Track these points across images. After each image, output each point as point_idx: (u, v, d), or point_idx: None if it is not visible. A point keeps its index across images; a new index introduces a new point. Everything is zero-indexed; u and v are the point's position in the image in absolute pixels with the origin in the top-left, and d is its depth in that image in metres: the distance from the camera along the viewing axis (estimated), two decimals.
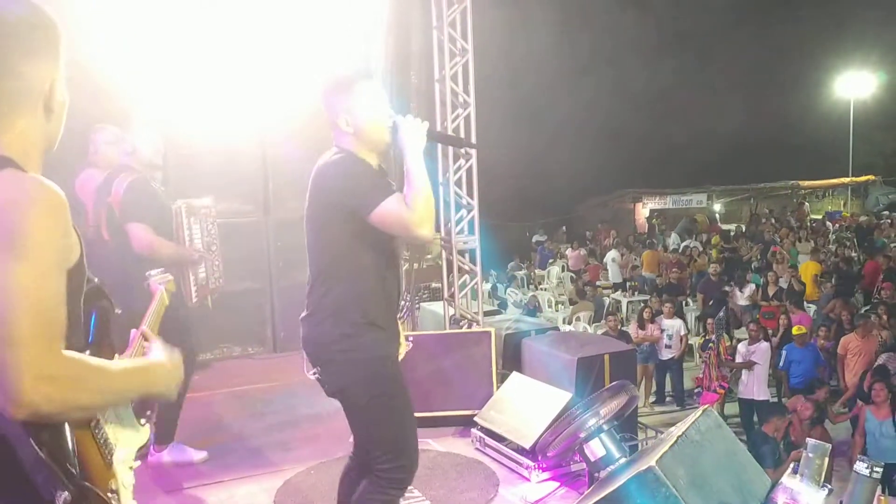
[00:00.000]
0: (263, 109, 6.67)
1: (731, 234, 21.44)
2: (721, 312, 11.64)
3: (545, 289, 16.55)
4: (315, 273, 2.73)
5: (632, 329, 10.47)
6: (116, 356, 1.71)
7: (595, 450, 3.27)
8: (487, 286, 13.42)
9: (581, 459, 3.62)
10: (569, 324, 12.44)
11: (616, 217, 27.38)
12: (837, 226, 23.47)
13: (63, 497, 1.35)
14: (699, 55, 28.32)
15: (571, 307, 13.89)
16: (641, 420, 5.87)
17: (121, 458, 1.62)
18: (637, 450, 4.21)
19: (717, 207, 29.32)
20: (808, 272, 13.44)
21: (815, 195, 31.11)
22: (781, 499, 2.70)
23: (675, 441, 2.74)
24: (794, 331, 9.09)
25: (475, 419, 4.81)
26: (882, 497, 2.75)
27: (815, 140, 30.55)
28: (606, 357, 5.06)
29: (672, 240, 21.13)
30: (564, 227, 25.61)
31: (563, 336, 6.06)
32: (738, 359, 8.97)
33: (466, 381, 5.16)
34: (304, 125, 6.61)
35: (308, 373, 2.81)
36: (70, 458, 1.41)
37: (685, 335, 10.47)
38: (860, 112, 31.68)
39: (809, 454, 2.69)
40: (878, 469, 2.55)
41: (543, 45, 24.75)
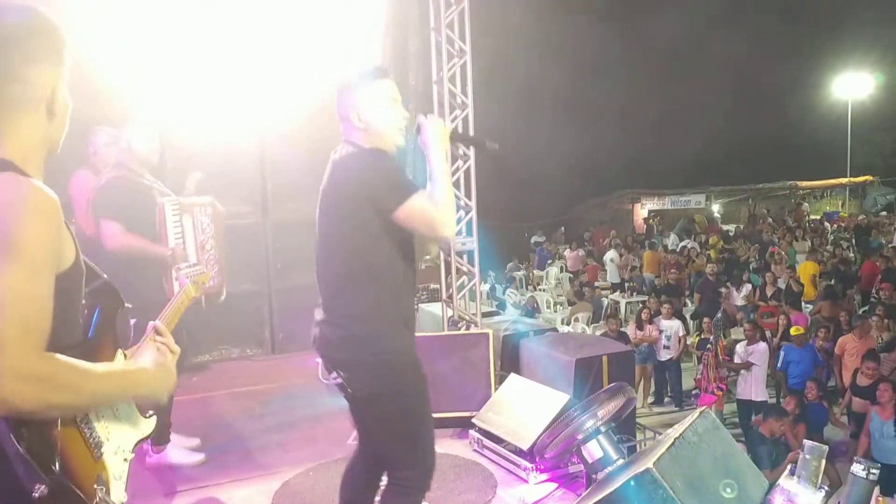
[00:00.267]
0: (262, 110, 6.66)
1: (731, 235, 21.46)
2: (719, 313, 11.63)
3: (543, 289, 16.55)
4: (336, 273, 2.63)
5: (630, 330, 10.48)
6: (120, 351, 1.76)
7: (593, 451, 3.27)
8: (486, 287, 13.42)
9: (579, 461, 3.62)
10: (567, 325, 12.44)
11: (615, 218, 27.42)
12: (836, 226, 23.50)
13: (41, 490, 1.38)
14: (697, 56, 28.34)
15: (570, 308, 13.90)
16: (640, 421, 5.87)
17: (112, 451, 1.65)
18: (635, 451, 4.22)
19: (716, 208, 29.36)
20: (807, 273, 13.45)
21: (814, 196, 31.15)
22: (778, 500, 2.70)
23: (673, 443, 2.74)
24: (793, 331, 9.10)
25: (473, 421, 4.81)
26: (880, 498, 2.76)
27: (814, 141, 30.58)
28: (604, 358, 5.07)
29: (671, 240, 21.15)
30: (563, 228, 25.62)
31: (562, 337, 6.06)
32: (737, 360, 8.98)
33: (464, 383, 5.16)
34: (303, 126, 6.63)
35: (328, 378, 2.67)
36: (51, 453, 1.44)
37: (683, 336, 10.48)
38: (858, 113, 31.71)
39: (806, 455, 2.69)
40: (875, 471, 2.55)
41: (542, 46, 24.77)
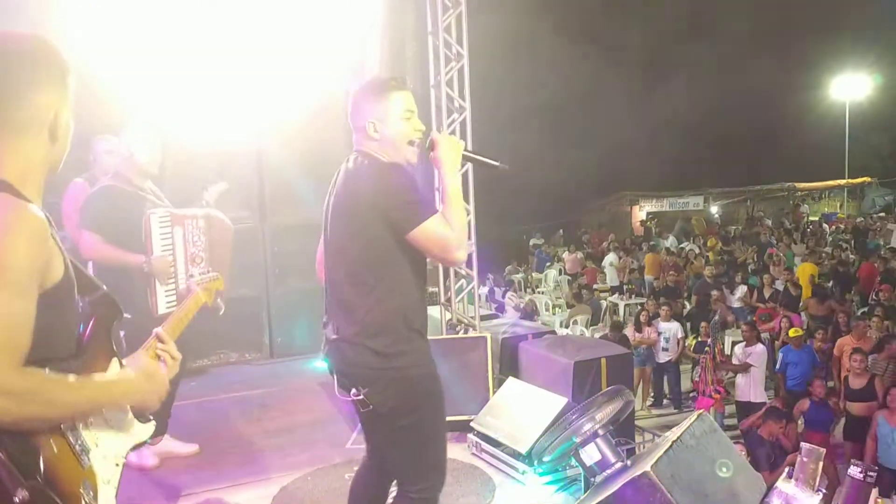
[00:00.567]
0: (259, 115, 6.66)
1: (730, 237, 21.48)
2: (716, 316, 11.64)
3: (542, 292, 16.55)
4: (349, 285, 2.56)
5: (629, 332, 10.49)
6: (115, 360, 1.80)
7: (591, 454, 3.27)
8: (484, 290, 13.42)
9: (577, 464, 3.62)
10: (566, 327, 12.44)
11: (613, 220, 27.44)
12: (834, 227, 23.52)
13: (22, 495, 1.43)
14: (695, 58, 28.38)
15: (569, 310, 13.90)
16: (638, 423, 5.88)
17: (101, 456, 1.69)
18: (634, 453, 4.22)
19: (714, 210, 29.39)
20: (805, 274, 13.45)
21: (812, 197, 31.18)
22: (776, 503, 2.70)
23: (671, 446, 2.75)
24: (791, 333, 9.11)
25: (472, 424, 4.81)
26: (879, 500, 2.76)
27: (812, 142, 30.60)
28: (603, 360, 5.07)
29: (669, 242, 21.16)
30: (561, 231, 25.63)
31: (560, 340, 6.06)
32: (735, 361, 8.98)
33: (463, 387, 5.15)
34: (301, 130, 6.65)
35: (347, 396, 2.58)
36: (33, 459, 1.49)
37: (682, 338, 10.49)
38: (856, 114, 31.76)
39: (804, 458, 2.70)
40: (872, 473, 2.56)
41: (540, 49, 24.79)
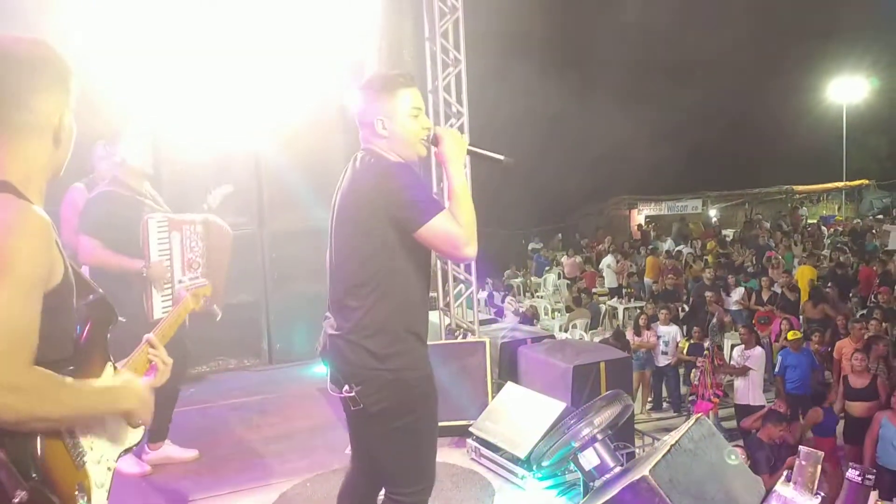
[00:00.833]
0: (257, 120, 6.66)
1: (729, 240, 21.50)
2: (713, 319, 11.64)
3: (541, 296, 16.57)
4: (350, 284, 2.56)
5: (628, 335, 10.49)
6: (109, 364, 1.81)
7: (589, 459, 3.27)
8: (483, 294, 13.43)
9: (576, 469, 3.62)
10: (565, 331, 12.45)
11: (611, 224, 27.46)
12: (832, 230, 23.54)
13: (21, 496, 1.44)
14: (693, 62, 28.42)
15: (568, 315, 13.90)
16: (638, 427, 5.88)
17: (95, 460, 1.71)
18: (634, 457, 4.23)
19: (713, 213, 29.44)
20: (805, 277, 13.45)
21: (810, 200, 31.23)
22: None
23: (669, 450, 2.75)
24: (789, 336, 9.11)
25: (471, 429, 4.81)
26: (880, 503, 2.76)
27: (809, 145, 30.64)
28: (602, 365, 5.08)
29: (667, 245, 21.18)
30: (560, 235, 25.65)
31: (559, 344, 6.06)
32: (733, 364, 8.98)
33: (462, 392, 5.16)
34: (299, 135, 6.66)
35: (336, 390, 2.59)
36: (31, 461, 1.50)
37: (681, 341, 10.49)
38: (853, 117, 31.81)
39: (802, 461, 2.69)
40: (871, 476, 2.56)
41: (537, 53, 24.83)
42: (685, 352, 10.03)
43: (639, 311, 11.78)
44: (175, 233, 4.20)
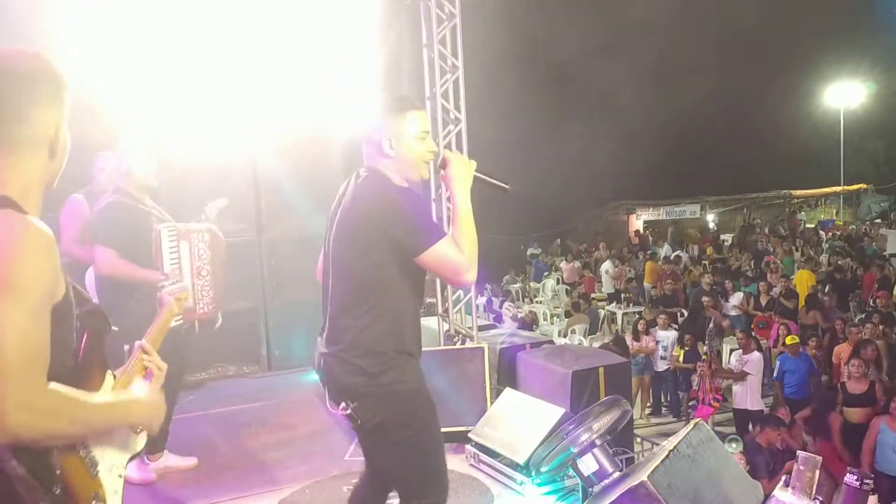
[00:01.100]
0: (255, 129, 6.68)
1: (727, 245, 21.50)
2: (710, 324, 11.64)
3: (540, 302, 16.55)
4: (344, 301, 2.59)
5: (627, 341, 10.48)
6: (109, 373, 1.81)
7: (588, 464, 3.27)
8: (483, 300, 13.43)
9: (575, 474, 3.62)
10: (564, 337, 12.44)
11: (610, 229, 27.46)
12: (830, 234, 23.56)
13: None
14: (691, 66, 28.49)
15: (567, 320, 13.90)
16: (638, 432, 5.88)
17: (107, 469, 1.72)
18: (633, 462, 4.22)
19: (711, 217, 29.47)
20: (803, 282, 13.45)
21: (808, 204, 31.28)
22: None
23: (667, 455, 2.75)
24: (788, 340, 9.10)
25: (469, 435, 4.81)
26: None
27: (807, 149, 30.69)
28: (601, 370, 5.08)
29: (665, 250, 21.19)
30: (559, 240, 25.65)
31: (558, 349, 6.07)
32: (732, 368, 8.99)
33: (461, 397, 5.17)
34: (297, 144, 6.67)
35: (337, 409, 2.60)
36: (51, 474, 1.51)
37: None
38: (851, 121, 31.90)
39: (800, 466, 2.70)
40: (869, 481, 2.56)
41: (535, 58, 24.88)
42: (681, 359, 10.03)
43: (637, 317, 11.77)
44: (184, 242, 4.27)
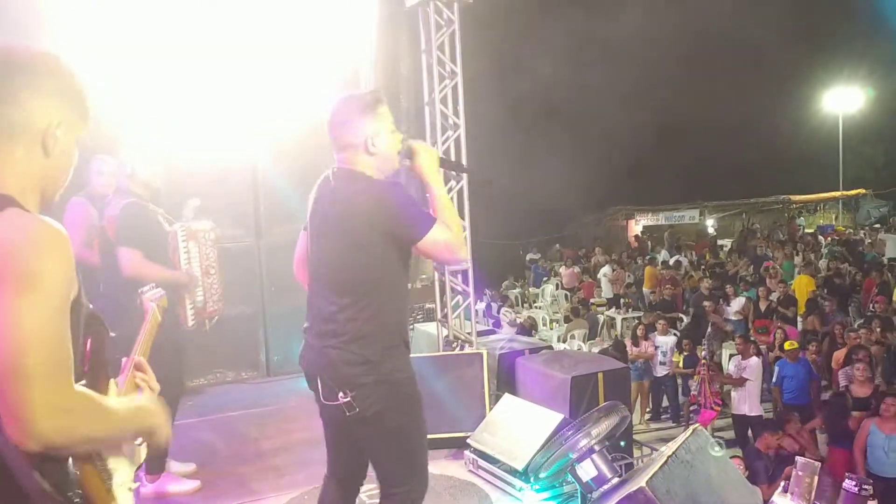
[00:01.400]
0: (254, 133, 6.69)
1: (726, 250, 21.50)
2: (709, 328, 11.64)
3: (539, 307, 16.54)
4: (338, 295, 2.63)
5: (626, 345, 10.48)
6: (112, 381, 1.78)
7: (587, 470, 3.27)
8: (482, 305, 13.41)
9: (574, 480, 3.61)
10: (563, 342, 12.43)
11: (609, 234, 27.48)
12: (829, 239, 23.55)
13: None
14: (691, 72, 28.55)
15: (566, 325, 13.89)
16: (637, 437, 5.86)
17: (119, 482, 1.68)
18: (633, 467, 4.22)
19: (710, 223, 29.49)
20: (802, 287, 13.44)
21: (807, 209, 31.29)
22: None
23: (666, 461, 2.75)
24: (786, 346, 9.10)
25: (468, 441, 4.80)
26: None
27: (806, 154, 30.76)
28: (600, 375, 5.07)
29: (663, 255, 21.18)
30: (558, 245, 25.66)
31: (557, 355, 6.05)
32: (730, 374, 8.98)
33: (459, 403, 5.16)
34: (296, 148, 6.66)
35: (334, 400, 2.62)
36: (72, 487, 1.47)
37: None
38: (849, 127, 31.94)
39: (799, 472, 2.70)
40: (867, 486, 2.56)
41: (534, 64, 24.93)
42: (681, 364, 10.03)
43: (637, 322, 11.77)
44: (192, 242, 4.32)
